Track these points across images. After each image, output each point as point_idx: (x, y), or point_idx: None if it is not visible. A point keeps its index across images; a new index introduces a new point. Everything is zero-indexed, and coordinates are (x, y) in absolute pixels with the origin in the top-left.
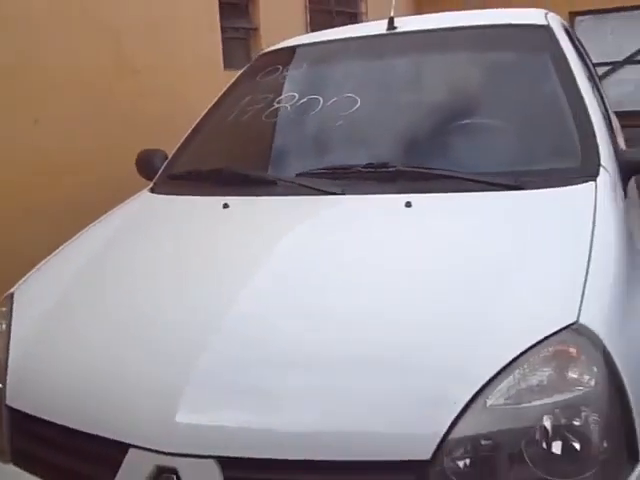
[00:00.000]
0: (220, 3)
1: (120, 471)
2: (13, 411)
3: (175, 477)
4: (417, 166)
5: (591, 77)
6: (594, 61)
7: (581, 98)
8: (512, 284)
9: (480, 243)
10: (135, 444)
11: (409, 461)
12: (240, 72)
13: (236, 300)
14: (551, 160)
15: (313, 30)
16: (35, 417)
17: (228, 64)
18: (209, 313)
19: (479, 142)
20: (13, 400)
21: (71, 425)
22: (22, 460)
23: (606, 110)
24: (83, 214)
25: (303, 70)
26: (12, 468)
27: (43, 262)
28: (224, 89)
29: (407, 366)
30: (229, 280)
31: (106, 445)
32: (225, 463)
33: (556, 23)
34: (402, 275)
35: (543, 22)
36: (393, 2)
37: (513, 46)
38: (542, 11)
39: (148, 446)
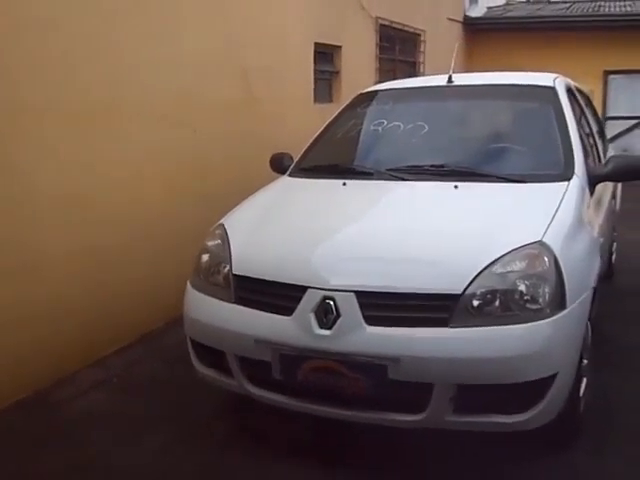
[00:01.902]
0: (315, 52)
1: (302, 300)
2: (236, 277)
3: (332, 302)
4: (462, 167)
5: (583, 120)
6: (623, 114)
7: (568, 135)
8: (510, 220)
9: (494, 202)
10: (311, 286)
11: (449, 294)
12: (345, 105)
13: (355, 221)
14: (545, 169)
15: (381, 74)
16: (250, 277)
17: (316, 99)
18: (344, 223)
19: (501, 156)
20: (237, 271)
21: (273, 279)
22: (241, 302)
23: (594, 142)
24: (223, 200)
25: (389, 106)
26: (236, 306)
27: (235, 209)
28: (333, 116)
29: (448, 250)
30: (351, 214)
31: (294, 289)
32: (358, 294)
33: (561, 85)
34: (449, 213)
35: (551, 84)
36: (452, 64)
37: (528, 98)
38: (552, 76)
39: (319, 286)
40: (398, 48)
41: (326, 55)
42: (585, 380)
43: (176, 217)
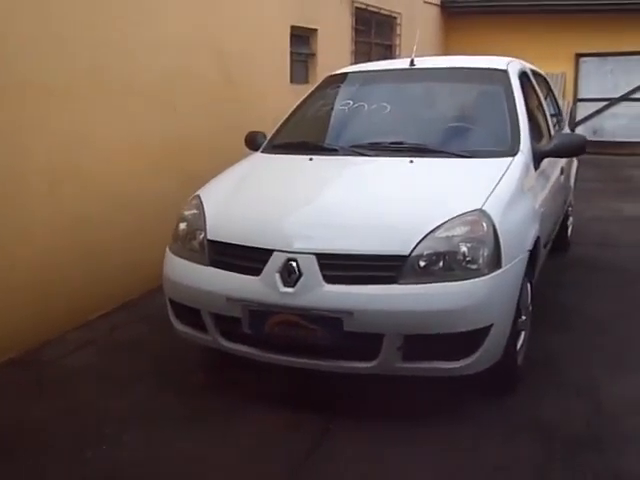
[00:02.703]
0: (291, 35)
1: (269, 262)
2: (210, 242)
3: (295, 263)
4: (418, 144)
5: (536, 101)
6: (594, 96)
7: (516, 114)
8: (456, 190)
9: (444, 175)
10: (276, 249)
11: (397, 255)
12: (315, 86)
13: (318, 192)
14: (493, 146)
15: (357, 57)
16: (223, 242)
17: (293, 80)
18: (308, 194)
19: (454, 134)
20: (211, 236)
21: (243, 243)
22: (215, 264)
23: (547, 122)
24: (204, 175)
25: (355, 87)
26: (210, 268)
27: (210, 182)
28: (304, 96)
29: (397, 217)
30: (314, 186)
31: (261, 252)
32: (318, 256)
33: (513, 68)
34: (402, 185)
35: (504, 67)
36: (415, 48)
37: (482, 81)
38: (506, 59)
39: (284, 249)
40: (374, 31)
41: (302, 38)
42: (523, 334)
43: (160, 191)
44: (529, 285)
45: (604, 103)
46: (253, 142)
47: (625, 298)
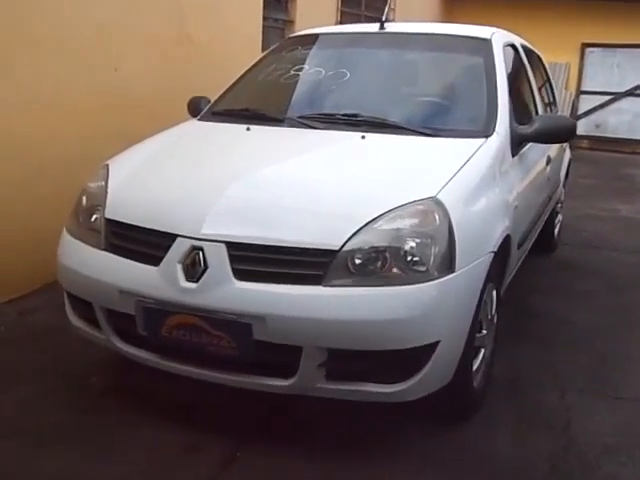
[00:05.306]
0: None
1: (170, 250)
2: (108, 221)
3: (201, 252)
4: (375, 117)
5: (523, 79)
6: (599, 89)
7: (495, 90)
8: (408, 174)
9: (398, 155)
10: (180, 234)
11: (325, 250)
12: (270, 48)
13: (242, 168)
14: (463, 124)
15: None
16: (121, 222)
17: (265, 48)
18: (233, 170)
19: (420, 108)
20: (109, 214)
21: (143, 225)
22: (111, 249)
23: (535, 105)
24: (141, 133)
25: (314, 51)
26: (105, 253)
27: (127, 149)
28: (257, 58)
29: (329, 202)
30: (241, 160)
31: (163, 236)
32: (229, 245)
33: (498, 39)
34: (346, 165)
35: (487, 37)
36: (386, 9)
37: (460, 50)
38: (491, 29)
39: (189, 234)
40: (365, 2)
41: (279, 2)
42: (483, 352)
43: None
44: (494, 292)
45: (608, 97)
46: (195, 108)
47: (612, 308)
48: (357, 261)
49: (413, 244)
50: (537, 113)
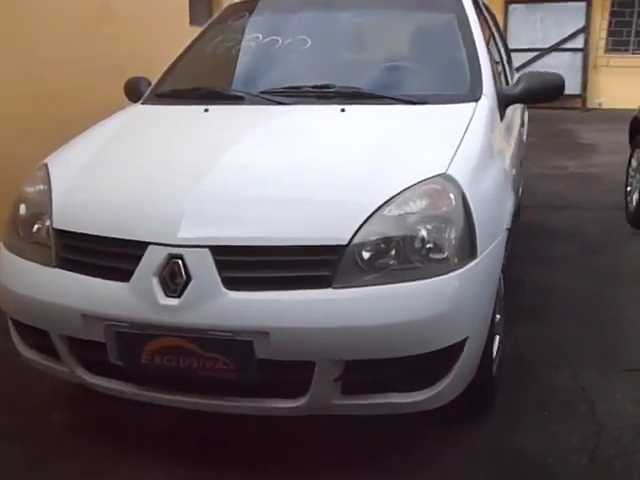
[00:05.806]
0: None
1: (142, 261)
2: (58, 232)
3: (181, 261)
4: (350, 87)
5: (491, 34)
6: (524, 46)
7: (475, 49)
8: (407, 149)
9: (388, 128)
10: (153, 241)
11: (331, 246)
12: (212, 19)
13: (214, 157)
14: (448, 88)
15: None
16: (75, 232)
17: (193, 21)
18: (200, 159)
19: (398, 74)
20: (58, 224)
21: (103, 234)
22: (65, 265)
23: (502, 59)
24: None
25: (265, 17)
26: (58, 271)
27: (65, 145)
28: (198, 32)
29: (328, 189)
30: (210, 147)
31: (130, 245)
32: (214, 250)
33: None
34: (333, 143)
35: None
36: None
37: (429, 8)
38: None
39: (163, 241)
40: None
41: None
42: (498, 338)
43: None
44: (501, 274)
45: (534, 54)
46: (135, 91)
47: (592, 270)
48: (366, 255)
49: (428, 230)
50: (506, 72)
